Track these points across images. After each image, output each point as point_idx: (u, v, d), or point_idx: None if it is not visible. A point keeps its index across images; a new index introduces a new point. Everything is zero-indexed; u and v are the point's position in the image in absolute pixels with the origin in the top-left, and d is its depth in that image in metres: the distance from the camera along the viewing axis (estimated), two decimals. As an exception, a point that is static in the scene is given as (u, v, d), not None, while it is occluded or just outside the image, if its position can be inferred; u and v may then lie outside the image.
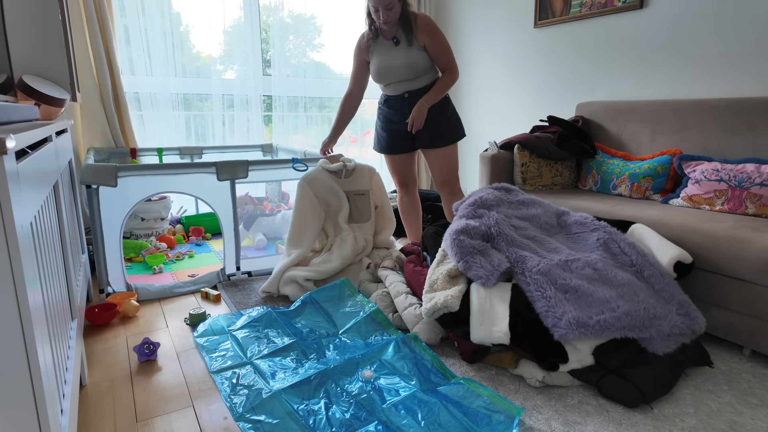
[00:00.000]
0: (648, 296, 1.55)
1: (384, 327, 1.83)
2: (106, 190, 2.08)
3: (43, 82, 1.81)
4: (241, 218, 3.02)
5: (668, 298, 1.57)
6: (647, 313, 1.47)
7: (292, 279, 2.14)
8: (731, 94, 2.31)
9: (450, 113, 2.37)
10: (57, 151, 1.48)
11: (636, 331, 1.45)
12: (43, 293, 0.94)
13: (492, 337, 1.51)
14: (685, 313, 1.53)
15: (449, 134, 2.37)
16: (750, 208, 1.92)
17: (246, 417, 1.33)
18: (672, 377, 1.46)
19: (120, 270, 2.16)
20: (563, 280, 1.56)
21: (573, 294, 1.53)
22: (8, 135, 0.70)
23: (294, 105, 3.70)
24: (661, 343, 1.46)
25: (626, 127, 2.60)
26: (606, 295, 1.52)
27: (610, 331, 1.43)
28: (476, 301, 1.58)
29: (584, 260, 1.66)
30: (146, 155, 3.06)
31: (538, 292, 1.54)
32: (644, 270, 1.66)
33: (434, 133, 2.36)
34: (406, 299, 1.87)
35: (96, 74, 2.84)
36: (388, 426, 1.29)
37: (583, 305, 1.49)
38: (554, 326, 1.45)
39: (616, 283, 1.58)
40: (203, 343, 1.75)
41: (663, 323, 1.47)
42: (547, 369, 1.48)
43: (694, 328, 1.51)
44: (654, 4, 2.57)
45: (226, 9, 3.33)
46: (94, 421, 1.33)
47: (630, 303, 1.50)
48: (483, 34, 3.65)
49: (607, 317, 1.44)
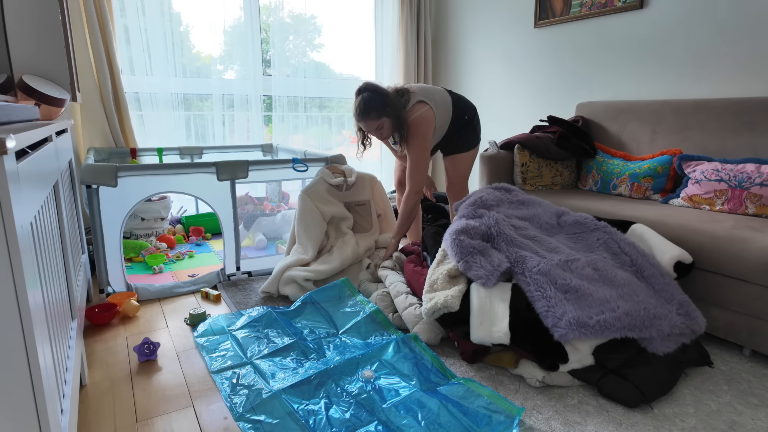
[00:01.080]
0: (648, 296, 1.55)
1: (384, 327, 1.83)
2: (106, 190, 2.08)
3: (43, 82, 1.81)
4: (241, 218, 3.02)
5: (668, 298, 1.57)
6: (647, 313, 1.47)
7: (292, 279, 2.14)
8: (731, 94, 2.31)
9: (462, 126, 2.35)
10: (57, 151, 1.48)
11: (636, 331, 1.45)
12: (43, 293, 0.94)
13: (492, 337, 1.51)
14: (685, 313, 1.53)
15: (461, 143, 2.37)
16: (750, 208, 1.92)
17: (246, 417, 1.33)
18: (672, 377, 1.46)
19: (120, 270, 2.16)
20: (563, 280, 1.56)
21: (573, 294, 1.53)
22: (8, 135, 0.70)
23: (294, 105, 3.70)
24: (661, 343, 1.46)
25: (626, 127, 2.60)
26: (606, 295, 1.52)
27: (610, 331, 1.43)
28: (476, 301, 1.58)
29: (584, 260, 1.66)
30: (146, 155, 3.06)
31: (538, 292, 1.54)
32: (644, 270, 1.65)
33: (447, 141, 2.38)
34: (406, 299, 1.87)
35: (96, 74, 2.84)
36: (388, 426, 1.29)
37: (583, 305, 1.49)
38: (554, 326, 1.45)
39: (617, 283, 1.58)
40: (203, 343, 1.75)
41: (663, 323, 1.47)
42: (547, 369, 1.48)
43: (694, 328, 1.51)
44: (654, 4, 2.57)
45: (226, 9, 3.33)
46: (94, 421, 1.33)
47: (630, 303, 1.50)
48: (483, 34, 3.65)
49: (607, 317, 1.44)
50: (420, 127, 2.17)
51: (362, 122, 2.18)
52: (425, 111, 2.18)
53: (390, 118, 2.16)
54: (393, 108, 2.14)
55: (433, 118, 2.21)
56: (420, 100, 2.19)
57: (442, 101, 2.27)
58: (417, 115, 2.18)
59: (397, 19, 3.85)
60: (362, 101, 2.13)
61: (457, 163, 2.41)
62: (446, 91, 2.32)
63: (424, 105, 2.19)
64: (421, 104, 2.19)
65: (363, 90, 2.15)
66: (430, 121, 2.19)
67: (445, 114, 2.28)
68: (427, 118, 2.18)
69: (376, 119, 2.14)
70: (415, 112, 2.18)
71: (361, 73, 3.98)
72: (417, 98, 2.20)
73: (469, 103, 2.37)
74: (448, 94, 2.31)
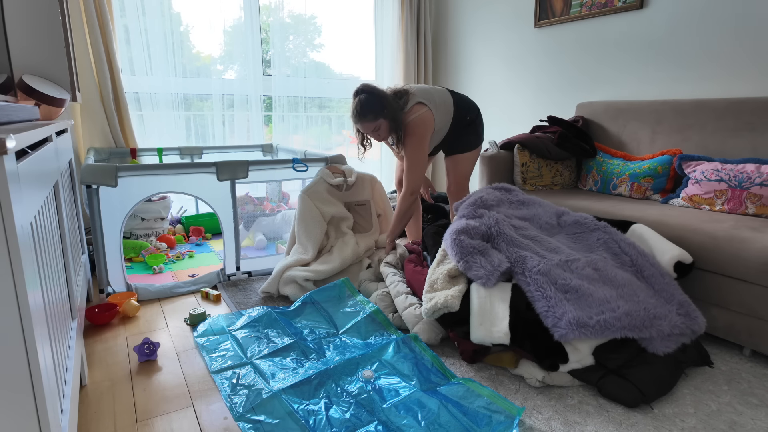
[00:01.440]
0: (648, 296, 1.55)
1: (384, 327, 1.83)
2: (106, 190, 2.08)
3: (43, 82, 1.81)
4: (241, 218, 3.02)
5: (668, 298, 1.57)
6: (647, 313, 1.47)
7: (292, 279, 2.14)
8: (731, 94, 2.31)
9: (464, 127, 2.34)
10: (57, 151, 1.48)
11: (636, 331, 1.45)
12: (43, 293, 0.94)
13: (492, 337, 1.51)
14: (686, 313, 1.53)
15: (462, 144, 2.37)
16: (750, 208, 1.92)
17: (246, 417, 1.33)
18: (672, 377, 1.46)
19: (120, 270, 2.16)
20: (563, 280, 1.56)
21: (573, 294, 1.53)
22: (8, 135, 0.70)
23: (294, 105, 3.70)
24: (661, 343, 1.46)
25: (626, 127, 2.60)
26: (606, 295, 1.52)
27: (611, 331, 1.43)
28: (476, 301, 1.58)
29: (584, 260, 1.66)
30: (146, 155, 3.06)
31: (539, 292, 1.54)
32: (644, 270, 1.65)
33: (449, 141, 2.38)
34: (406, 299, 1.87)
35: (96, 74, 2.84)
36: (388, 426, 1.29)
37: (583, 305, 1.49)
38: (554, 326, 1.45)
39: (617, 283, 1.58)
40: (203, 343, 1.75)
41: (663, 323, 1.47)
42: (547, 369, 1.48)
43: (694, 328, 1.51)
44: (654, 4, 2.57)
45: (226, 9, 3.33)
46: (94, 421, 1.33)
47: (630, 303, 1.50)
48: (483, 34, 3.65)
49: (608, 317, 1.44)
50: (417, 128, 2.17)
51: (359, 124, 2.19)
52: (423, 113, 2.18)
53: (387, 120, 2.15)
54: (390, 110, 2.14)
55: (431, 120, 2.20)
56: (419, 102, 2.19)
57: (443, 102, 2.26)
58: (415, 116, 2.17)
59: (397, 19, 3.85)
60: (359, 103, 2.13)
61: (459, 163, 2.41)
62: (448, 92, 2.32)
63: (422, 106, 2.19)
64: (420, 105, 2.19)
65: (360, 92, 2.15)
66: (428, 122, 2.19)
67: (445, 115, 2.28)
68: (425, 120, 2.18)
69: (372, 121, 2.14)
70: (413, 113, 2.18)
71: (361, 73, 3.98)
72: (416, 99, 2.19)
73: (472, 103, 2.37)
74: (449, 95, 2.30)
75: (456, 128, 2.33)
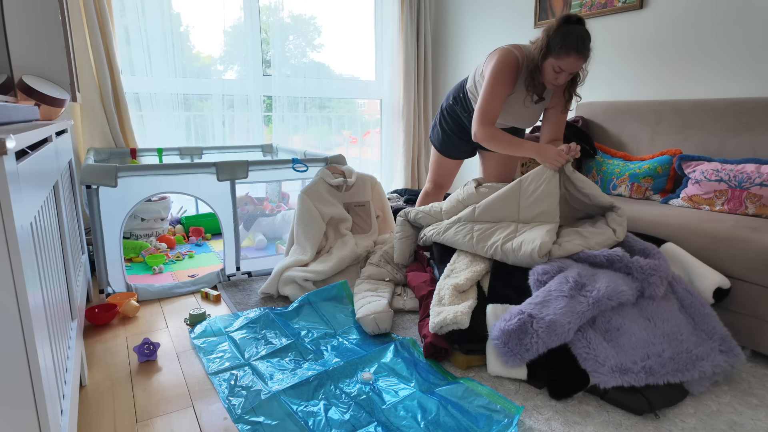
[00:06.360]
0: (690, 333, 1.49)
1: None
2: (106, 191, 2.08)
3: (43, 82, 1.81)
4: (241, 218, 3.02)
5: (710, 332, 1.51)
6: (689, 355, 1.42)
7: (291, 279, 2.14)
8: (731, 94, 2.31)
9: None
10: (57, 152, 1.48)
11: (679, 375, 1.40)
12: (43, 293, 0.94)
13: (509, 372, 1.50)
14: (728, 350, 1.47)
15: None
16: (750, 208, 1.92)
17: (245, 418, 1.33)
18: (683, 392, 1.42)
19: (120, 270, 2.16)
20: (603, 318, 1.49)
21: (614, 334, 1.46)
22: (8, 135, 0.70)
23: (294, 105, 3.70)
24: (700, 383, 1.42)
25: (626, 127, 2.60)
26: (648, 335, 1.45)
27: (654, 378, 1.38)
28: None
29: (622, 291, 1.53)
30: (146, 155, 3.06)
31: (577, 333, 1.46)
32: (684, 299, 1.58)
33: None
34: (366, 304, 1.87)
35: (96, 74, 2.84)
36: (387, 427, 1.29)
37: (625, 347, 1.43)
38: (595, 371, 1.39)
39: (657, 319, 1.51)
40: (201, 345, 1.75)
41: (706, 365, 1.42)
42: (558, 399, 1.43)
43: (735, 364, 1.46)
44: (654, 4, 2.57)
45: (226, 9, 3.33)
46: (94, 421, 1.33)
47: (674, 344, 1.45)
48: (483, 34, 3.65)
49: (653, 363, 1.39)
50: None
51: (580, 58, 1.75)
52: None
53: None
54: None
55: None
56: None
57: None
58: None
59: (397, 19, 3.85)
60: (587, 34, 1.76)
61: (502, 160, 2.25)
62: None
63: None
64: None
65: (577, 20, 1.77)
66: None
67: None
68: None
69: (587, 59, 1.79)
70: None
71: (361, 74, 3.98)
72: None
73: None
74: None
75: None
